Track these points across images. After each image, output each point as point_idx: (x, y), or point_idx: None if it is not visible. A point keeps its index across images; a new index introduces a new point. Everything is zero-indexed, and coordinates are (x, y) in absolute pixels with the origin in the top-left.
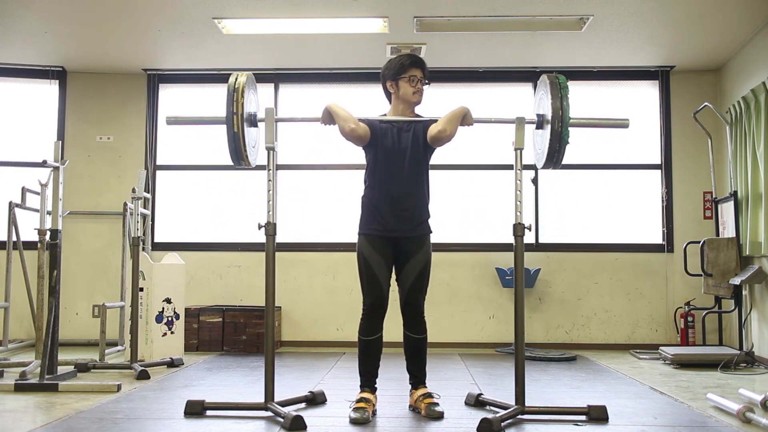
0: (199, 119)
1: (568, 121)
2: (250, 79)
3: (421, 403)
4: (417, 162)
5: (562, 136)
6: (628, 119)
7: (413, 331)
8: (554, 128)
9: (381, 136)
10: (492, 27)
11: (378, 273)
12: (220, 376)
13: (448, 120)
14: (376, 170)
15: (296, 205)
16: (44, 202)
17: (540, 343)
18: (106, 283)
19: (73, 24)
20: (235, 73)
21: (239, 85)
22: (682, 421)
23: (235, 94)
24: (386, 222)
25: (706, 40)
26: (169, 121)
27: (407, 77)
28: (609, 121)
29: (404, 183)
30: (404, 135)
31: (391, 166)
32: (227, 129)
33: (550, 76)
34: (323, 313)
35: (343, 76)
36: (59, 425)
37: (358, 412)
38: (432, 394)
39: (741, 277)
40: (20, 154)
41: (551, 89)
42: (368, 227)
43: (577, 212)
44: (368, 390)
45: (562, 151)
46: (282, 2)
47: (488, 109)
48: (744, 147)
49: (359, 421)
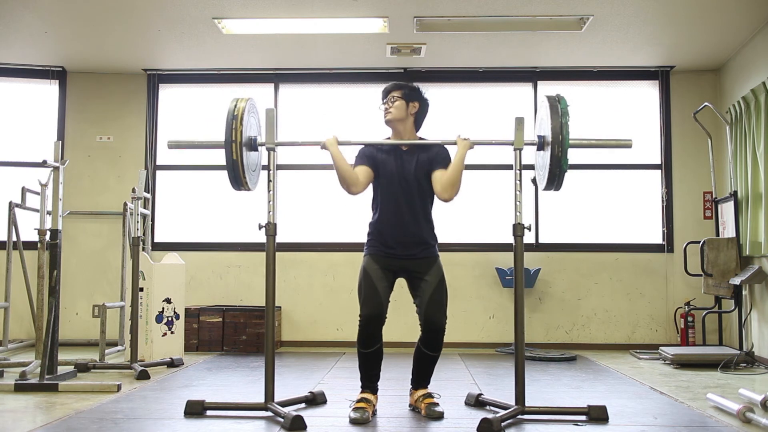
0: (199, 144)
1: (568, 146)
2: (250, 104)
3: (421, 404)
4: (420, 188)
5: (561, 163)
6: (630, 140)
7: (429, 348)
8: (554, 153)
9: (382, 166)
10: (492, 27)
11: (377, 283)
12: (220, 376)
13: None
14: (379, 197)
15: (296, 205)
16: (44, 202)
17: (540, 343)
18: (106, 283)
19: (73, 24)
20: (235, 99)
21: (238, 111)
22: (682, 421)
23: (234, 121)
24: (392, 247)
25: (706, 40)
26: (171, 146)
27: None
28: (611, 141)
29: (408, 209)
30: (407, 160)
31: (395, 193)
32: (226, 156)
33: (551, 98)
34: (323, 313)
35: (343, 76)
36: (59, 425)
37: (357, 412)
38: (432, 395)
39: (741, 277)
40: (20, 154)
41: (551, 113)
42: (374, 248)
43: (577, 212)
44: (369, 391)
45: (562, 176)
46: (282, 2)
47: (488, 109)
48: (744, 147)
49: (359, 420)
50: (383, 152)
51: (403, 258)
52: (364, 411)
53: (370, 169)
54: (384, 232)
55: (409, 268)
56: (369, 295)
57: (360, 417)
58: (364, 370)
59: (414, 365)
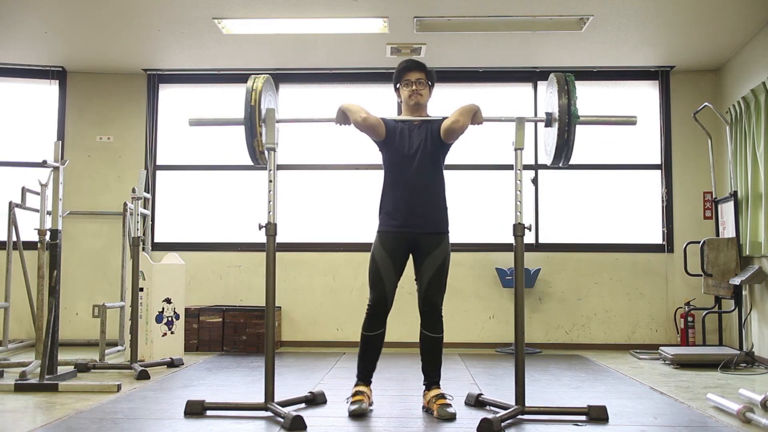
0: (220, 120)
1: (576, 117)
2: (267, 81)
3: (434, 404)
4: (431, 160)
5: (570, 132)
6: (635, 116)
7: (430, 330)
8: (562, 125)
9: (393, 135)
10: (492, 27)
11: (383, 271)
12: (220, 376)
13: (461, 112)
14: (390, 169)
15: (296, 205)
16: (44, 202)
17: (540, 343)
18: (106, 283)
19: (73, 24)
20: (253, 76)
21: (256, 86)
22: (682, 421)
23: (253, 93)
24: (402, 219)
25: (706, 40)
26: (192, 122)
27: (404, 82)
28: (617, 118)
29: (418, 180)
30: (416, 134)
31: (405, 164)
32: (245, 128)
33: (558, 74)
34: (323, 313)
35: (343, 76)
36: (59, 425)
37: (356, 404)
38: (445, 395)
39: (741, 277)
40: (20, 154)
41: (558, 88)
42: (385, 224)
43: (577, 212)
44: (363, 383)
45: (570, 147)
46: (282, 2)
47: (488, 109)
48: (744, 147)
49: (358, 412)
50: (396, 124)
51: (412, 233)
52: (362, 402)
53: (381, 121)
54: (395, 203)
55: (418, 244)
56: (374, 283)
57: (358, 408)
58: (363, 357)
59: (421, 357)
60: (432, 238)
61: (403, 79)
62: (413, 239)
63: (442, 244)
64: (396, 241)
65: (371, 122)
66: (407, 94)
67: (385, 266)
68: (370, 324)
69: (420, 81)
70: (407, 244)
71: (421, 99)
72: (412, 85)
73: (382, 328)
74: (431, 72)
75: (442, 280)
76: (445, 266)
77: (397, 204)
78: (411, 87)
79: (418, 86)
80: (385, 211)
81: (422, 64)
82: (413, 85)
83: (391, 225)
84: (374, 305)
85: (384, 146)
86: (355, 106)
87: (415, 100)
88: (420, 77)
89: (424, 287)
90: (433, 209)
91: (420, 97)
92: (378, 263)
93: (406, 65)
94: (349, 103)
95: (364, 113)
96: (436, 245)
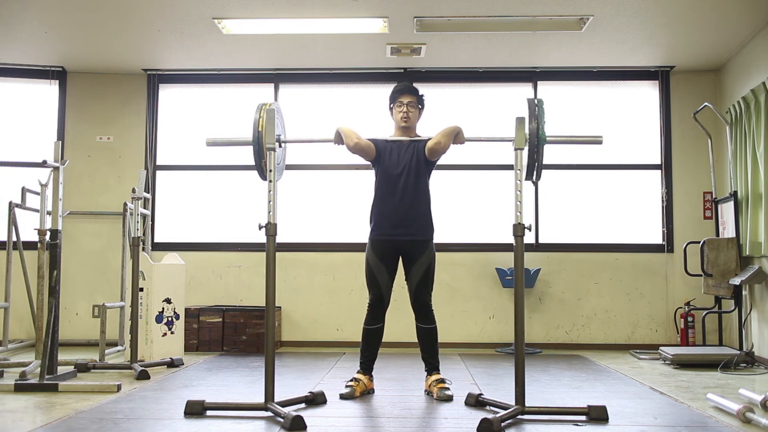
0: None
1: (544, 140)
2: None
3: (434, 387)
4: (417, 176)
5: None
6: (601, 136)
7: (423, 322)
8: (531, 146)
9: (383, 154)
10: (492, 27)
11: (377, 275)
12: (220, 376)
13: (443, 134)
14: (380, 184)
15: (296, 206)
16: (44, 202)
17: (540, 343)
18: (106, 283)
19: (73, 24)
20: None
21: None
22: (682, 421)
23: (260, 120)
24: (390, 228)
25: (706, 40)
26: (209, 143)
27: (397, 104)
28: (583, 138)
29: (405, 195)
30: (405, 153)
31: (394, 179)
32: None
33: (529, 99)
34: (323, 313)
35: (343, 76)
36: (59, 425)
37: (348, 388)
38: (444, 380)
39: (741, 277)
40: (20, 154)
41: (529, 113)
42: (374, 233)
43: (577, 212)
44: (362, 372)
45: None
46: (282, 2)
47: (488, 109)
48: (744, 147)
49: (345, 396)
50: (387, 144)
51: (399, 241)
52: (352, 389)
53: (372, 144)
54: (383, 214)
55: (405, 250)
56: (371, 284)
57: (347, 393)
58: (364, 348)
59: (420, 346)
60: (417, 244)
61: (396, 101)
62: (400, 246)
63: (427, 251)
64: (385, 248)
65: (362, 146)
66: (399, 116)
67: (378, 269)
68: (370, 319)
69: (411, 104)
70: (395, 249)
71: (409, 122)
72: (404, 107)
73: (381, 322)
74: (422, 96)
75: (429, 281)
76: (431, 269)
77: (384, 215)
78: (402, 109)
79: (408, 108)
80: (375, 221)
81: (415, 88)
82: (404, 107)
83: (379, 234)
84: (373, 302)
85: (375, 164)
86: (349, 131)
87: (405, 122)
88: (411, 100)
89: (413, 288)
90: (418, 219)
91: (408, 120)
92: (372, 267)
93: (400, 89)
94: (345, 128)
95: (356, 138)
96: (421, 252)
